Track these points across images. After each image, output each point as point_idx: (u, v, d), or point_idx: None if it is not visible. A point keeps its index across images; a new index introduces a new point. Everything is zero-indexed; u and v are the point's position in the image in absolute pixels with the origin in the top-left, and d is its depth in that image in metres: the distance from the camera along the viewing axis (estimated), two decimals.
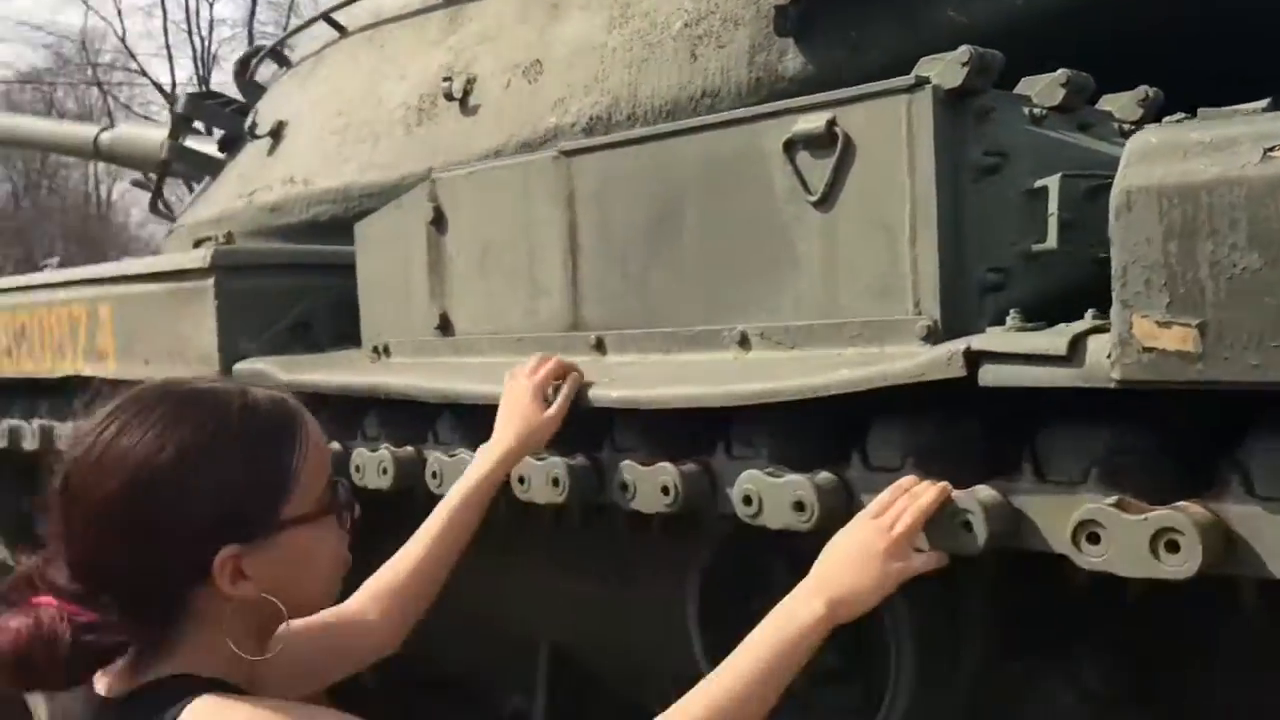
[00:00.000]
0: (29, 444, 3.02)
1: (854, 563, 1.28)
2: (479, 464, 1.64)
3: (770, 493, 1.45)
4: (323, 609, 1.30)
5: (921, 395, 1.37)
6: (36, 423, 2.99)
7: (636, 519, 1.67)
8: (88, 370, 2.78)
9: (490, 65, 2.86)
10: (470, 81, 2.86)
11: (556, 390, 1.71)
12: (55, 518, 1.13)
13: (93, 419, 1.14)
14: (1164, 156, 1.10)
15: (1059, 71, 1.64)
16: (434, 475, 1.93)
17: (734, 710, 1.20)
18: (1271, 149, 1.03)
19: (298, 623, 1.22)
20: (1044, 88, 1.64)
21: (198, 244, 2.85)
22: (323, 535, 1.17)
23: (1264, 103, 1.57)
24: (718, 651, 1.76)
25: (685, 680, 1.29)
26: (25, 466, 3.60)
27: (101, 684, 1.14)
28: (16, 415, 3.12)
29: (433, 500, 1.63)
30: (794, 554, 1.72)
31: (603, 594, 2.27)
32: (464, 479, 1.62)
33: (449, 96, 2.87)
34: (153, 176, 4.59)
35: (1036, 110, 1.58)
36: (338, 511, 1.19)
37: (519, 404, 1.69)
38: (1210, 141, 1.07)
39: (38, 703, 3.05)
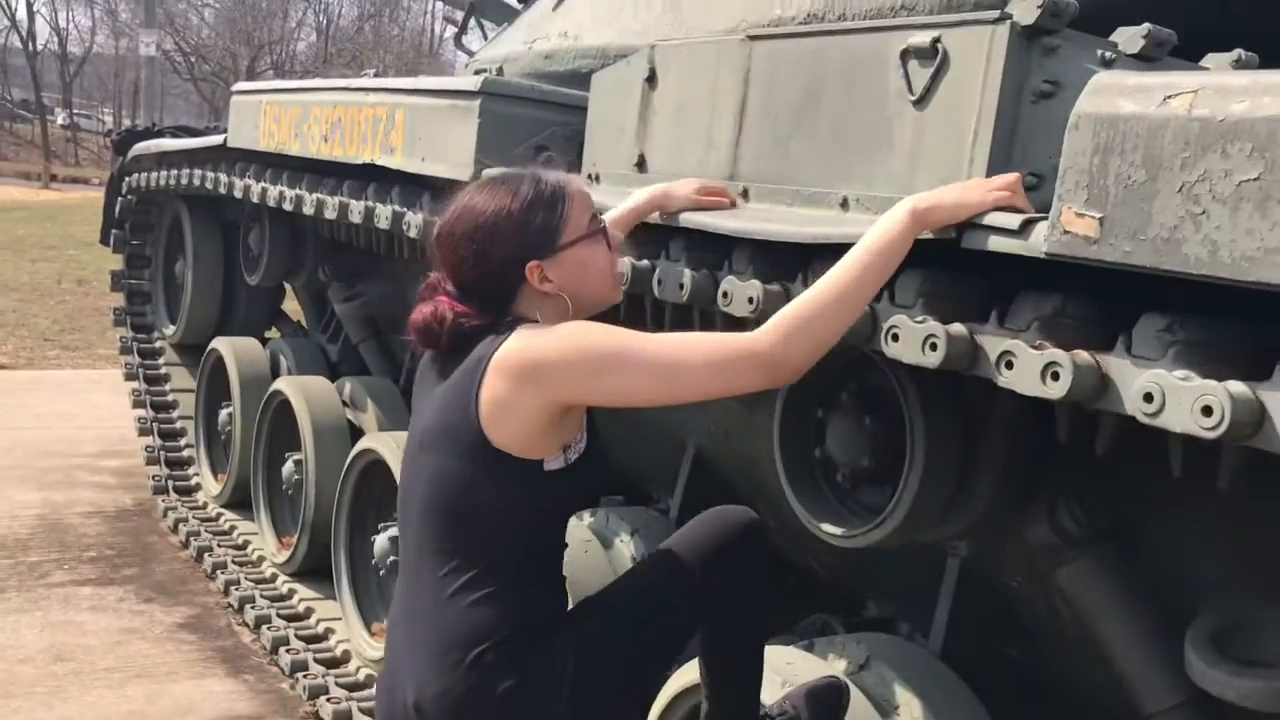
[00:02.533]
0: (330, 214, 3.81)
1: (955, 185, 1.78)
2: (637, 197, 2.37)
3: None
4: (608, 305, 1.94)
5: (938, 255, 1.81)
6: (337, 199, 3.77)
7: (733, 321, 2.18)
8: (380, 160, 3.50)
9: None
10: None
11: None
12: (437, 254, 1.87)
13: (454, 198, 1.89)
14: (1105, 93, 1.49)
15: (1143, 25, 1.97)
16: None
17: (838, 299, 1.71)
18: (1170, 96, 1.41)
19: None
20: (1128, 38, 1.98)
21: (477, 74, 3.48)
22: (592, 250, 1.85)
23: (1234, 54, 1.87)
24: (792, 467, 2.29)
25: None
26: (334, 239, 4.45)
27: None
28: (324, 191, 3.92)
29: None
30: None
31: (738, 409, 2.81)
32: (620, 207, 2.35)
33: None
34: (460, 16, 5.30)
35: (1108, 54, 1.93)
36: (598, 234, 1.86)
37: (680, 183, 2.33)
38: (1135, 85, 1.46)
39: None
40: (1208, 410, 1.36)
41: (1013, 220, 1.62)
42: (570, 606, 1.94)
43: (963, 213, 1.72)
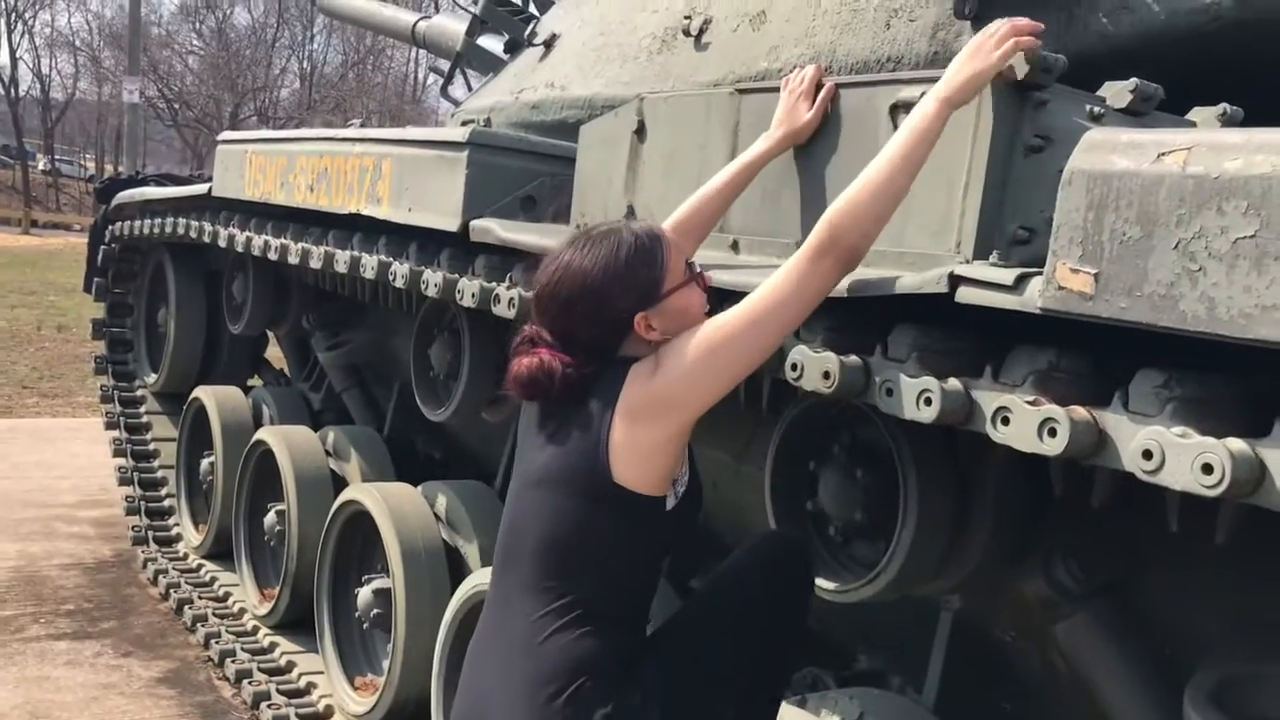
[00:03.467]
0: (315, 263, 3.79)
1: (964, 58, 1.84)
2: (757, 145, 2.26)
3: (809, 363, 1.92)
4: None
5: (935, 310, 1.80)
6: (322, 248, 3.76)
7: None
8: (367, 210, 3.50)
9: (725, 10, 3.33)
10: (706, 22, 3.35)
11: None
12: (537, 311, 1.91)
13: (550, 254, 1.93)
14: (1098, 149, 1.50)
15: (1130, 80, 1.99)
16: None
17: (887, 182, 1.79)
18: (1163, 153, 1.41)
19: None
20: (1116, 92, 2.00)
21: (464, 124, 3.49)
22: (689, 294, 1.90)
23: (1219, 109, 1.88)
24: (784, 519, 2.27)
25: None
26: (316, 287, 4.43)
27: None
28: (309, 241, 3.91)
29: None
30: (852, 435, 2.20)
31: (726, 459, 2.79)
32: (745, 154, 2.27)
33: (686, 33, 3.37)
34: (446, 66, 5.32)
35: (1096, 109, 1.94)
36: (695, 279, 1.92)
37: (789, 108, 2.25)
38: (1127, 142, 1.46)
39: None
40: (1208, 468, 1.35)
41: (1007, 276, 1.61)
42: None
43: (981, 81, 1.83)
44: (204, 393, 5.27)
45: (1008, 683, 2.40)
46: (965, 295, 1.68)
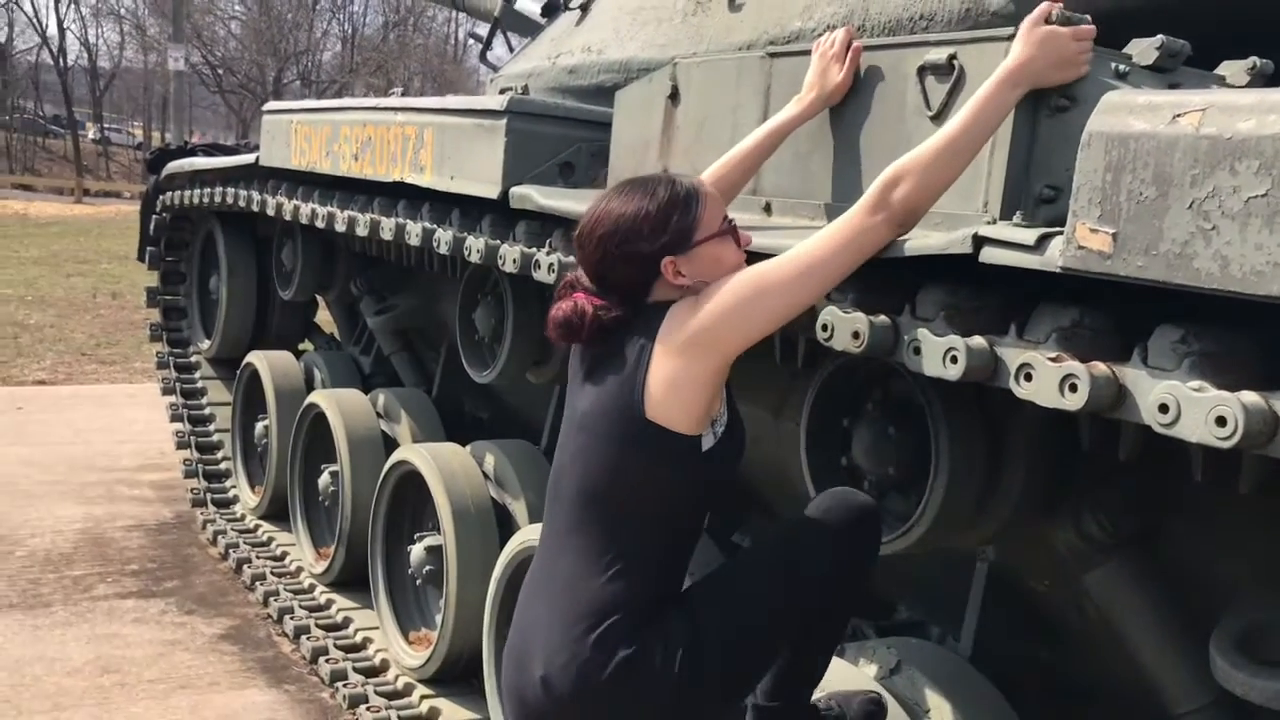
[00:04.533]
0: (361, 231, 3.88)
1: (1024, 41, 1.85)
2: (788, 109, 2.31)
3: (840, 323, 1.97)
4: None
5: (959, 269, 1.85)
6: (368, 216, 3.85)
7: None
8: (410, 178, 3.57)
9: None
10: None
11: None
12: (576, 251, 2.00)
13: (592, 201, 2.02)
14: (1116, 111, 1.53)
15: (1156, 36, 2.00)
16: None
17: (945, 147, 1.82)
18: (1178, 115, 1.45)
19: None
20: (1142, 50, 2.01)
21: (502, 91, 3.54)
22: (724, 246, 1.95)
23: (1249, 62, 1.89)
24: (819, 474, 2.33)
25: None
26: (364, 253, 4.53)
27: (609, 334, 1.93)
28: (355, 208, 3.99)
29: None
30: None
31: (766, 416, 2.85)
32: (775, 118, 2.33)
33: None
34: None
35: (1122, 67, 1.96)
36: (730, 233, 1.96)
37: (820, 71, 2.27)
38: (1145, 104, 1.49)
39: None
40: (1221, 420, 1.40)
41: (1029, 236, 1.65)
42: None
43: (1032, 66, 1.83)
44: (257, 358, 5.40)
45: (1042, 631, 2.46)
46: (989, 255, 1.72)
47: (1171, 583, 2.08)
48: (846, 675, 2.27)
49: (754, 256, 2.22)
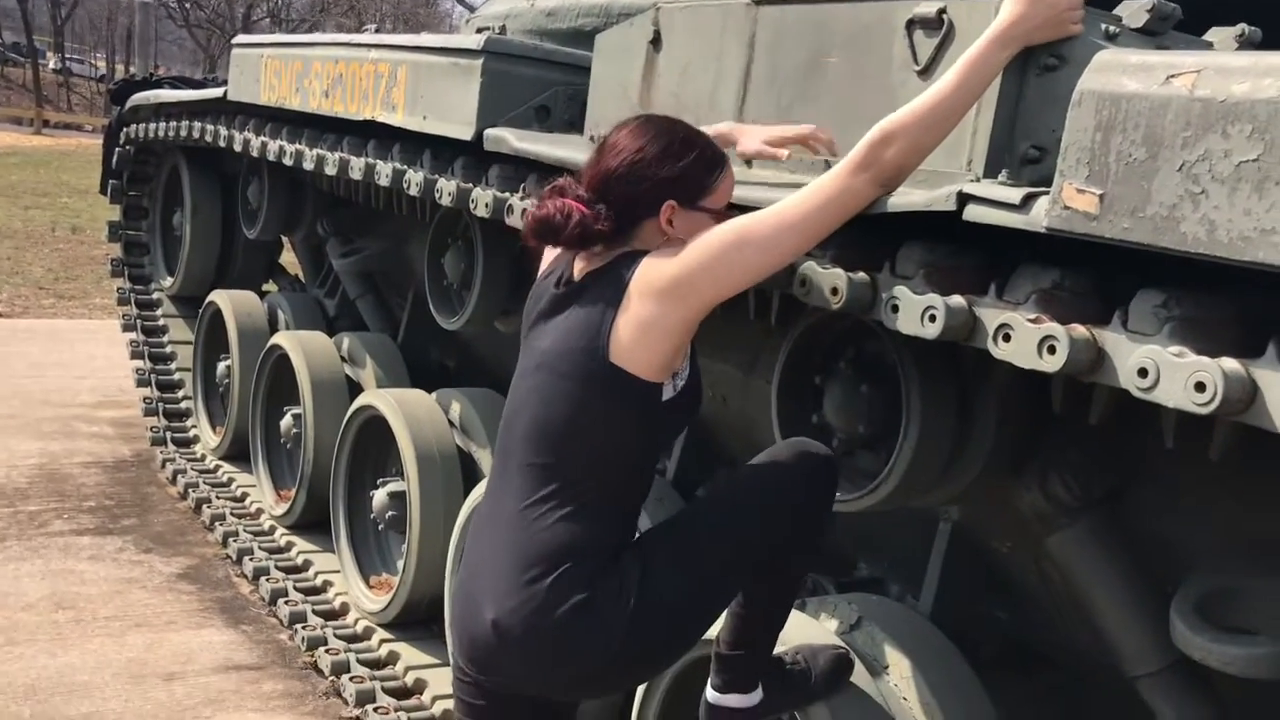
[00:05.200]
0: (330, 170, 3.81)
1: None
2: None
3: (818, 279, 1.96)
4: None
5: (944, 227, 1.83)
6: (337, 155, 3.78)
7: None
8: (381, 117, 3.51)
9: None
10: None
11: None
12: (593, 157, 1.96)
13: (616, 127, 1.98)
14: (1108, 70, 1.51)
15: None
16: None
17: (934, 108, 1.78)
18: (1172, 75, 1.43)
19: None
20: (1133, 11, 1.99)
21: (479, 31, 3.47)
22: (712, 224, 1.88)
23: (1238, 29, 1.88)
24: (789, 432, 2.31)
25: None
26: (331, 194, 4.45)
27: (578, 269, 1.93)
28: (324, 147, 3.92)
29: None
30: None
31: (736, 373, 2.84)
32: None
33: None
34: None
35: (1112, 28, 1.93)
36: (724, 217, 1.90)
37: (752, 130, 2.26)
38: (1138, 64, 1.47)
39: None
40: (1200, 386, 1.39)
41: (1014, 195, 1.64)
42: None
43: (1024, 23, 1.79)
44: (220, 297, 5.32)
45: (1003, 591, 2.48)
46: (973, 214, 1.71)
47: (1134, 547, 2.09)
48: (808, 630, 2.28)
49: (735, 209, 2.20)
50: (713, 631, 2.06)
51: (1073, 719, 2.47)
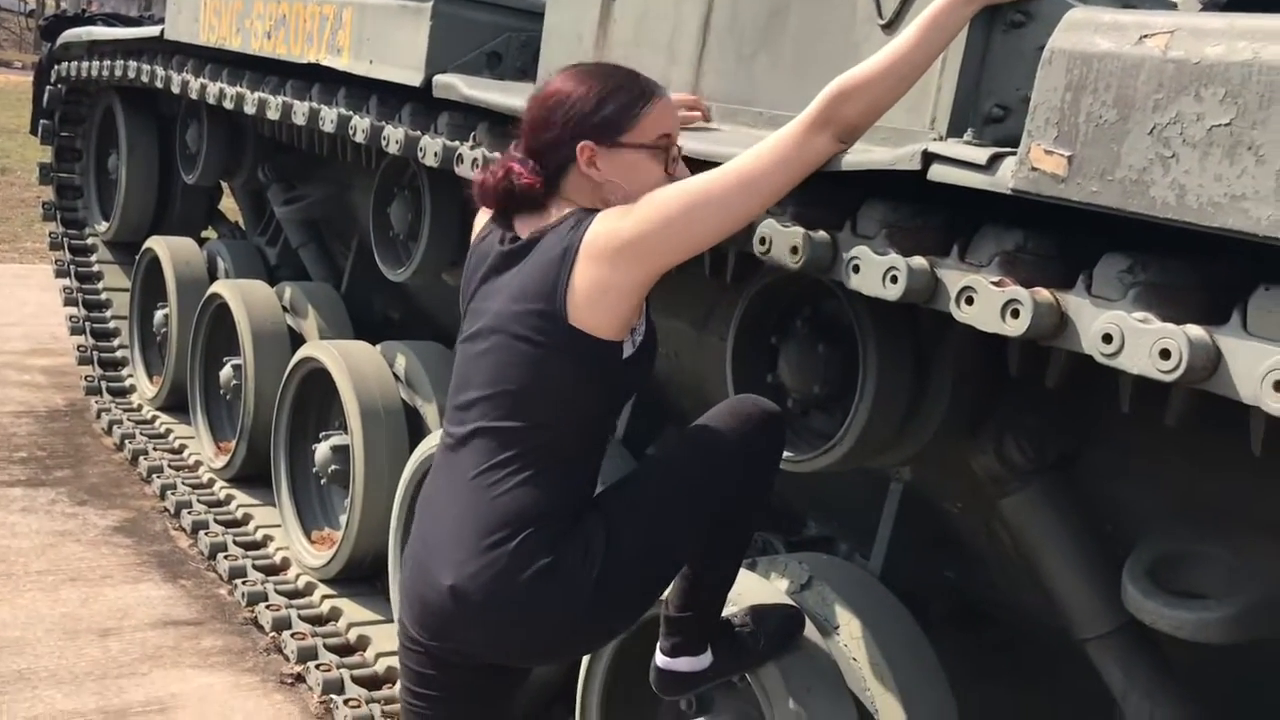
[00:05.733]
0: (272, 114, 3.70)
1: None
2: None
3: (778, 237, 1.92)
4: None
5: (906, 186, 1.79)
6: (280, 99, 3.66)
7: None
8: (326, 60, 3.39)
9: None
10: None
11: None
12: (523, 128, 1.93)
13: (541, 83, 1.98)
14: (1080, 29, 1.47)
15: None
16: None
17: (895, 64, 1.75)
18: (1145, 36, 1.40)
19: None
20: None
21: None
22: (647, 164, 1.87)
23: None
24: (742, 377, 2.28)
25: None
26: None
27: (524, 231, 1.88)
28: (266, 90, 3.79)
29: None
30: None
31: (688, 330, 2.80)
32: None
33: None
34: None
35: None
36: (664, 158, 1.88)
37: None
38: (1110, 23, 1.44)
39: None
40: (1165, 353, 1.38)
41: (980, 155, 1.60)
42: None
43: None
44: (157, 243, 5.18)
45: (952, 552, 2.48)
46: (937, 174, 1.67)
47: (1087, 511, 2.09)
48: (758, 589, 2.27)
49: (691, 164, 2.15)
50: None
51: (1018, 678, 2.49)
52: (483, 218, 2.02)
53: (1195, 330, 1.38)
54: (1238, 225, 1.32)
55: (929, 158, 1.68)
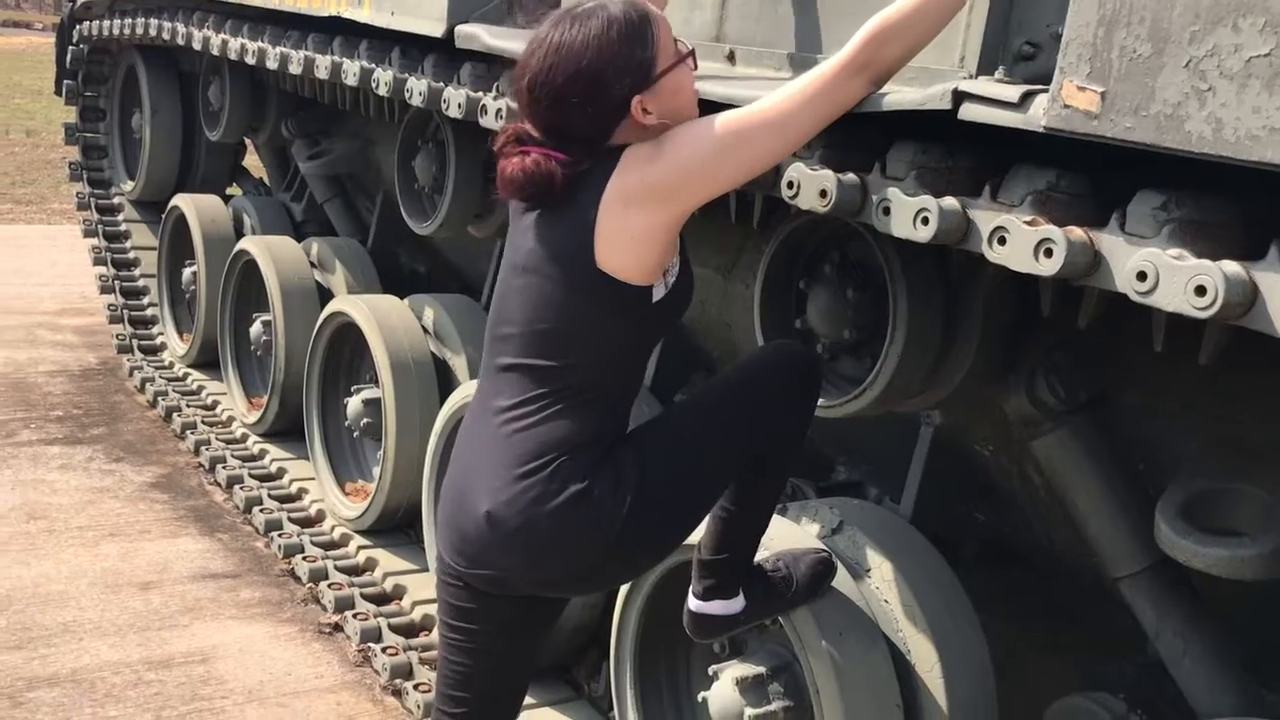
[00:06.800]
0: (294, 69, 3.69)
1: None
2: None
3: (806, 181, 1.90)
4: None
5: (935, 127, 1.78)
6: (302, 53, 3.65)
7: None
8: (347, 13, 3.38)
9: None
10: None
11: None
12: (528, 101, 1.81)
13: (532, 38, 1.81)
14: None
15: None
16: None
17: (933, 11, 1.71)
18: None
19: None
20: None
21: None
22: (681, 73, 1.82)
23: None
24: (772, 337, 2.28)
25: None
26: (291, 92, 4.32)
27: None
28: (288, 44, 3.78)
29: None
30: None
31: (716, 278, 2.79)
32: None
33: None
34: None
35: None
36: (684, 58, 1.83)
37: None
38: None
39: None
40: (1201, 290, 1.37)
41: (1012, 93, 1.58)
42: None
43: None
44: (183, 201, 5.20)
45: (983, 494, 2.49)
46: (968, 112, 1.65)
47: (1119, 451, 2.09)
48: (789, 534, 2.28)
49: (718, 108, 2.13)
50: (694, 538, 2.05)
51: (1050, 618, 2.50)
52: None
53: (1231, 266, 1.37)
54: (1277, 158, 1.30)
55: (959, 96, 1.66)
